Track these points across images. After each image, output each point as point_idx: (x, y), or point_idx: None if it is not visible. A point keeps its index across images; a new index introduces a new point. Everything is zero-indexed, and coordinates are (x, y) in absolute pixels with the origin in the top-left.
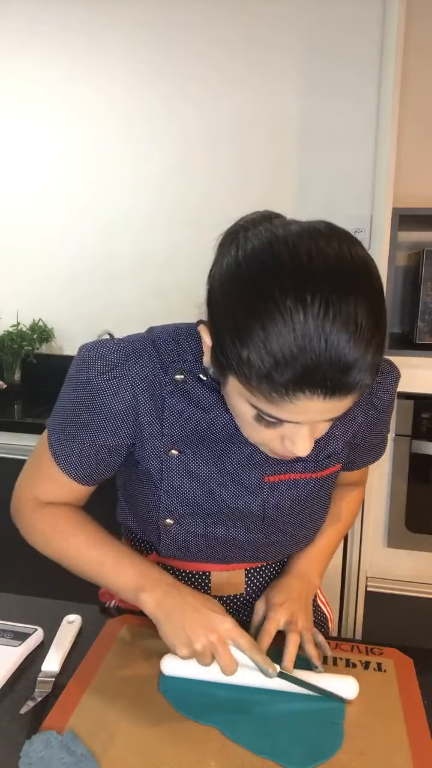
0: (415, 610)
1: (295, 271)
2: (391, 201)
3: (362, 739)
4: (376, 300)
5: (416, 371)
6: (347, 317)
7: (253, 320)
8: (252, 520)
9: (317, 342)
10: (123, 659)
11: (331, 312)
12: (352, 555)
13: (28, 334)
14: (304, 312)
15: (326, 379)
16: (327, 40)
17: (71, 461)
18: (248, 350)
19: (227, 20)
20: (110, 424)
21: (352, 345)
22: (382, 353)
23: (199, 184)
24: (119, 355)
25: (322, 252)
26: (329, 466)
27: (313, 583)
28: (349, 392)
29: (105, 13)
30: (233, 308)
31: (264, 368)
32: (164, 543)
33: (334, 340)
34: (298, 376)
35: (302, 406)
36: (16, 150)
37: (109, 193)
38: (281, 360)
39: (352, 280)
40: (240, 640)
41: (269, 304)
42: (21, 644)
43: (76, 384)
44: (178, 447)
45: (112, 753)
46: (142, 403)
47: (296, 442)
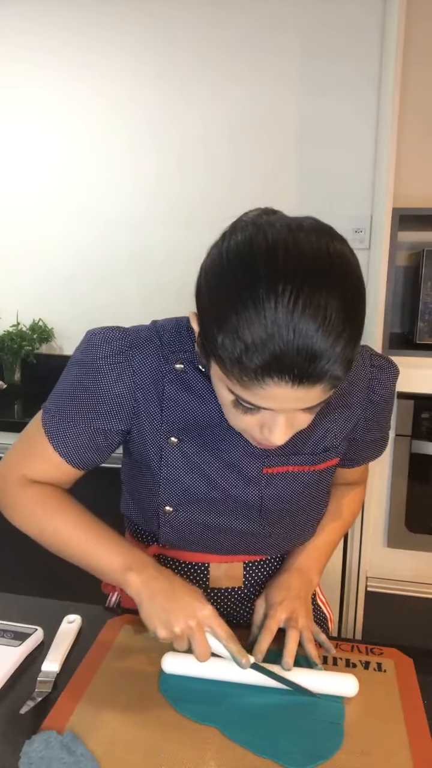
0: (415, 610)
1: (270, 262)
2: (391, 201)
3: (362, 739)
4: (351, 295)
5: (416, 371)
6: (317, 308)
7: (228, 307)
8: (250, 511)
9: (285, 330)
10: (123, 659)
11: (300, 302)
12: (352, 555)
13: (28, 334)
14: (275, 301)
15: (294, 367)
16: (327, 41)
17: (66, 442)
18: (223, 335)
19: (227, 21)
20: (108, 408)
21: (320, 335)
22: (355, 347)
23: (198, 184)
24: (124, 342)
25: (299, 245)
26: (327, 459)
27: (312, 581)
28: (317, 381)
29: (105, 14)
30: (213, 296)
31: (235, 353)
32: (163, 531)
33: (302, 329)
34: (267, 363)
35: (271, 392)
36: (16, 150)
37: (108, 193)
38: (251, 346)
39: (326, 273)
40: (217, 629)
41: (243, 293)
42: (21, 644)
43: (80, 365)
44: (178, 435)
45: (112, 753)
46: (143, 390)
47: (273, 431)
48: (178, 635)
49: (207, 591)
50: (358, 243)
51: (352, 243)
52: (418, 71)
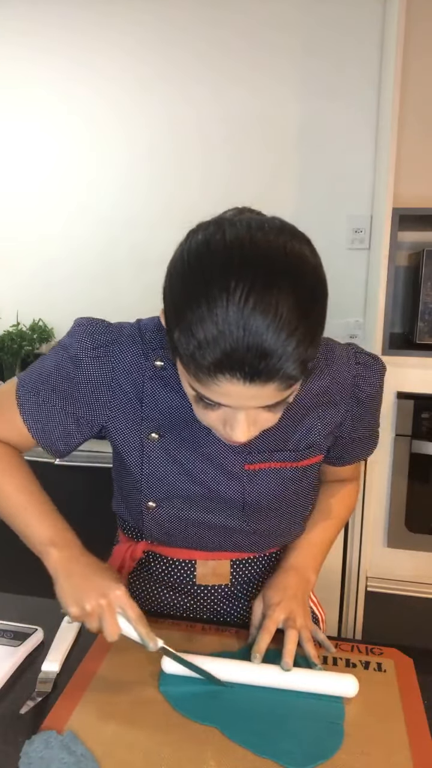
0: (415, 610)
1: (224, 260)
2: (391, 201)
3: (362, 739)
4: (306, 294)
5: (416, 371)
6: (268, 306)
7: (184, 305)
8: (232, 507)
9: (236, 328)
10: (123, 659)
11: (251, 300)
12: (352, 555)
13: (28, 334)
14: (227, 298)
15: (244, 365)
16: (327, 41)
17: (36, 418)
18: (179, 332)
19: (227, 21)
20: (84, 397)
21: (271, 333)
22: (310, 346)
23: (198, 184)
24: (106, 337)
25: (255, 243)
26: (310, 456)
27: (309, 580)
28: (269, 380)
29: (105, 14)
30: (172, 294)
31: (189, 349)
32: (148, 526)
33: (252, 326)
34: (218, 360)
35: (225, 389)
36: (16, 150)
37: (108, 193)
38: (203, 343)
39: (280, 272)
40: (128, 610)
41: (198, 290)
42: (21, 644)
43: (63, 351)
44: (158, 431)
45: (112, 753)
46: (122, 387)
47: (234, 427)
48: (89, 613)
49: (194, 588)
50: (358, 243)
51: (352, 243)
52: (418, 71)
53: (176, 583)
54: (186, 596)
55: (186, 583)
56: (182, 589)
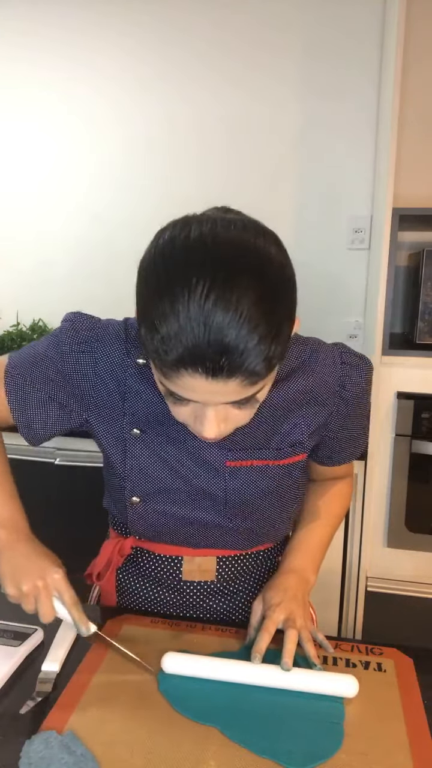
0: (415, 610)
1: (187, 258)
2: (391, 201)
3: (362, 739)
4: (270, 289)
5: (416, 371)
6: (229, 302)
7: (148, 303)
8: (215, 503)
9: (197, 323)
10: (123, 659)
11: (212, 296)
12: (352, 555)
13: (28, 334)
14: (189, 295)
15: (206, 360)
16: (327, 41)
17: (19, 394)
18: (144, 329)
19: (227, 21)
20: (68, 387)
21: (232, 328)
22: (273, 342)
23: (199, 184)
24: (90, 333)
25: (217, 240)
26: (293, 455)
27: (308, 581)
28: (231, 375)
29: (104, 14)
30: (140, 291)
31: (153, 346)
32: (132, 522)
33: (214, 322)
34: (180, 355)
35: (188, 384)
36: (15, 150)
37: (108, 192)
38: (166, 338)
39: (242, 268)
40: (64, 594)
41: (161, 288)
42: (21, 644)
43: (52, 341)
44: (140, 427)
45: (112, 753)
46: (105, 382)
47: (204, 423)
48: (25, 594)
49: (180, 584)
50: (358, 243)
51: (352, 243)
52: (418, 71)
53: (163, 579)
54: (172, 592)
55: (172, 579)
56: (169, 584)
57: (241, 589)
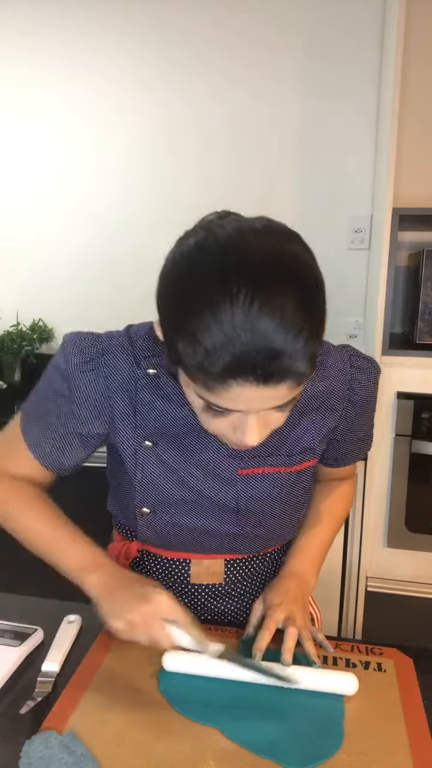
0: (415, 610)
1: (222, 266)
2: (391, 201)
3: (362, 739)
4: (307, 291)
5: (416, 371)
6: (273, 307)
7: (185, 314)
8: (226, 512)
9: (244, 331)
10: (123, 659)
11: (257, 302)
12: (352, 555)
13: (28, 334)
14: (231, 304)
15: (256, 367)
16: (327, 41)
17: (41, 444)
18: (183, 343)
19: (227, 21)
20: (84, 413)
21: (279, 333)
22: (316, 341)
23: (198, 184)
24: (96, 349)
25: (250, 247)
26: (304, 461)
27: (309, 584)
28: (281, 379)
29: (104, 14)
30: (170, 305)
31: (197, 359)
32: (142, 531)
33: (261, 328)
34: (228, 365)
35: (237, 394)
36: (15, 150)
37: (108, 193)
38: (211, 350)
39: (279, 272)
40: (177, 615)
41: (198, 299)
42: (21, 644)
43: (56, 372)
44: (152, 439)
45: (112, 753)
46: (116, 396)
47: (246, 432)
48: (135, 623)
49: (188, 587)
50: (358, 243)
51: (352, 243)
52: (418, 71)
53: (170, 582)
54: (180, 595)
55: (180, 582)
56: (176, 587)
57: (249, 590)
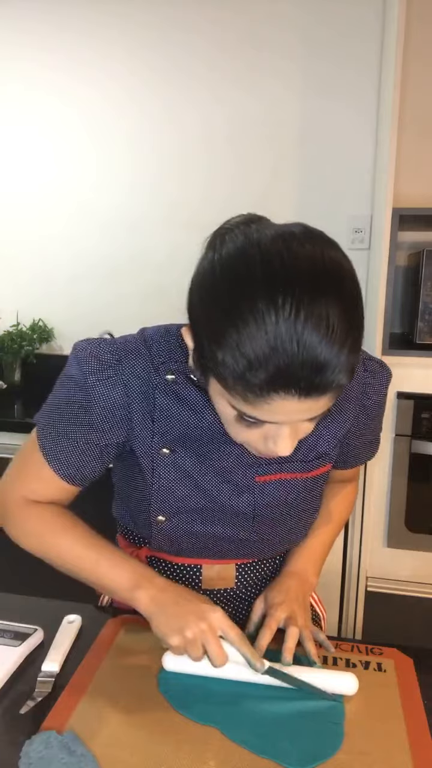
0: (415, 610)
1: (266, 275)
2: (391, 201)
3: (362, 739)
4: (350, 301)
5: (416, 371)
6: (319, 318)
7: (226, 323)
8: (243, 519)
9: (289, 343)
10: (123, 659)
11: (302, 313)
12: (352, 555)
13: (28, 334)
14: (276, 314)
15: (300, 380)
16: (327, 41)
17: (61, 459)
18: (223, 353)
19: (227, 21)
20: (103, 423)
21: (324, 345)
22: (358, 353)
23: (199, 184)
24: (113, 356)
25: (294, 255)
26: (320, 466)
27: (310, 583)
28: (324, 392)
29: (105, 13)
30: (208, 312)
31: (238, 370)
32: (156, 539)
33: (306, 340)
34: (272, 377)
35: (278, 407)
36: (16, 150)
37: (109, 193)
38: (254, 362)
39: (324, 282)
40: (230, 632)
41: (242, 307)
42: (21, 644)
43: (71, 382)
44: (170, 446)
45: (112, 753)
46: (135, 402)
47: (278, 443)
48: (191, 640)
49: (199, 592)
50: (358, 243)
51: (352, 243)
52: (418, 71)
53: None
54: None
55: (191, 587)
56: None
57: (260, 593)
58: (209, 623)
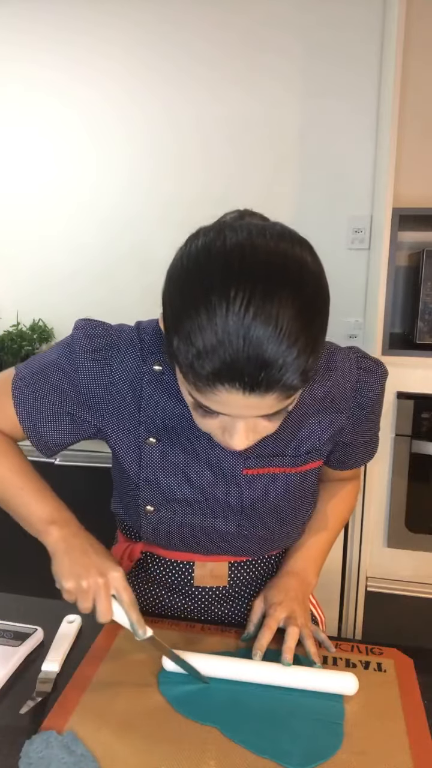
0: (415, 610)
1: (224, 267)
2: (391, 201)
3: (362, 739)
4: (308, 302)
5: (416, 371)
6: (269, 315)
7: (182, 312)
8: (231, 511)
9: (236, 337)
10: (123, 659)
11: (252, 309)
12: (352, 555)
13: (28, 334)
14: (227, 307)
15: (244, 375)
16: (327, 41)
17: (28, 409)
18: (178, 339)
19: (227, 21)
20: (81, 397)
21: (272, 342)
22: (312, 356)
23: (198, 184)
24: (105, 341)
25: (256, 250)
26: (309, 461)
27: (310, 583)
28: (268, 390)
29: (105, 13)
30: (171, 300)
31: (188, 359)
32: (146, 530)
33: (253, 336)
34: (217, 370)
35: (224, 399)
36: (15, 150)
37: (109, 193)
38: (202, 352)
39: (280, 280)
40: (123, 594)
41: (197, 298)
42: (21, 644)
43: (63, 350)
44: (156, 435)
45: (112, 753)
46: (120, 391)
47: (233, 436)
48: (84, 589)
49: (192, 590)
50: (358, 243)
51: (352, 243)
52: (418, 71)
53: (174, 585)
54: (184, 597)
55: (184, 585)
56: (180, 590)
57: (253, 594)
58: (106, 580)
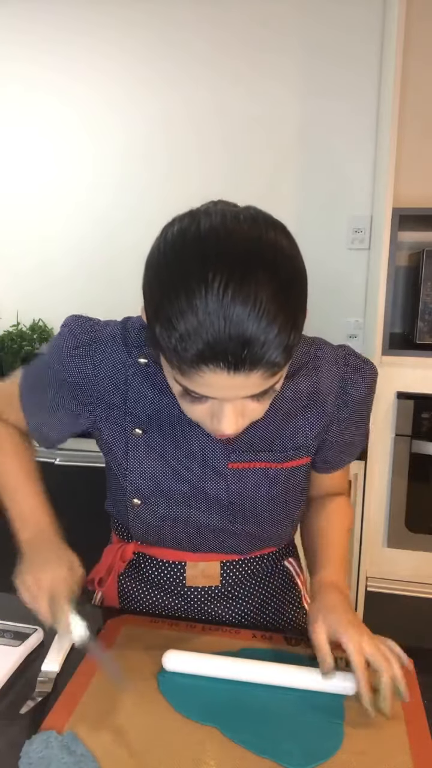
0: (415, 610)
1: (200, 251)
2: (391, 201)
3: (362, 739)
4: (285, 281)
5: (416, 371)
6: (247, 295)
7: (162, 297)
8: (218, 505)
9: (216, 318)
10: (123, 659)
11: (230, 289)
12: (352, 555)
13: (28, 334)
14: (206, 290)
15: (227, 354)
16: (327, 41)
17: (32, 410)
18: (159, 326)
19: (227, 21)
20: (72, 392)
21: (252, 320)
22: (292, 333)
23: (198, 184)
24: (88, 336)
25: (230, 234)
26: (296, 457)
27: (347, 595)
28: (253, 368)
29: (104, 14)
30: (150, 289)
31: (171, 343)
32: (134, 524)
33: (233, 315)
34: (200, 351)
35: (209, 380)
36: (15, 150)
37: (108, 193)
38: (184, 335)
39: (257, 261)
40: (59, 596)
41: (175, 283)
42: (21, 644)
43: (54, 350)
44: (142, 427)
45: (112, 753)
46: (105, 384)
47: (222, 420)
48: (29, 588)
49: (184, 590)
50: (358, 243)
51: (352, 243)
52: (418, 71)
53: (166, 585)
54: (176, 598)
55: (176, 585)
56: (172, 590)
57: (245, 593)
58: (50, 583)
